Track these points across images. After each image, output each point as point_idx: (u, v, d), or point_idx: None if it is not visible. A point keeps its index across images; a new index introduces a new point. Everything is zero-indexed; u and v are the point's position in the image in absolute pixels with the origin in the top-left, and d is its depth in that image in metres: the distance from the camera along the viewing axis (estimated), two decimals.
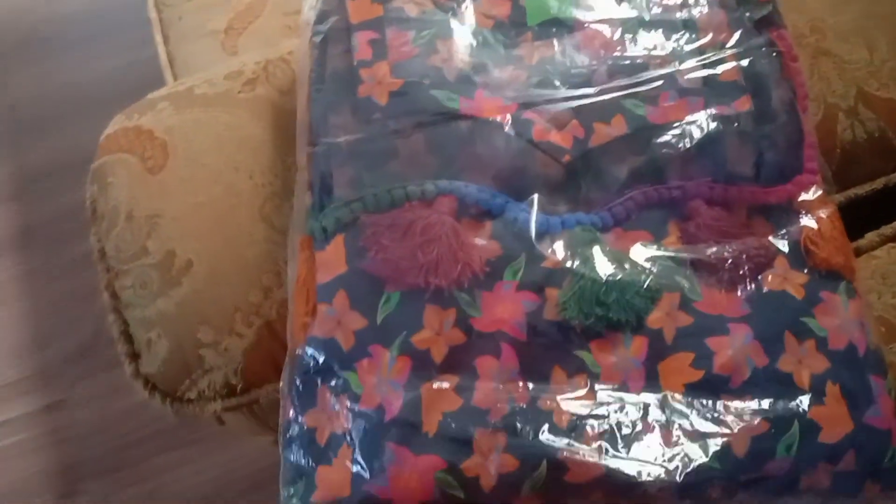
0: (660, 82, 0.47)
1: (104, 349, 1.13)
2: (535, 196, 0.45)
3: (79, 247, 1.21)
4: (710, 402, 0.41)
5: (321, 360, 0.42)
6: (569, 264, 0.43)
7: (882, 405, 0.42)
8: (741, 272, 0.44)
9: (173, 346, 0.50)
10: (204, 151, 0.53)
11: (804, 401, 0.42)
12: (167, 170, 0.53)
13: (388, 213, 0.44)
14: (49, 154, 1.31)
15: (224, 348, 0.50)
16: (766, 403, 0.41)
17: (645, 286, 0.43)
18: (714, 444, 0.41)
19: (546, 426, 0.41)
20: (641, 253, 0.44)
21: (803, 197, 0.46)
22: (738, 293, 0.44)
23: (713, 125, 0.46)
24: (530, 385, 0.42)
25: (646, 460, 0.41)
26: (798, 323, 0.43)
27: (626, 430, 0.41)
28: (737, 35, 0.49)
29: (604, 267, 0.43)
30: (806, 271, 0.45)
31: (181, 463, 1.05)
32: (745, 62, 0.48)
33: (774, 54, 0.48)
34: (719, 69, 0.48)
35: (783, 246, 0.45)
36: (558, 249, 0.44)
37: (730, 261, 0.44)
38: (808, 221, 0.46)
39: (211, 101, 0.56)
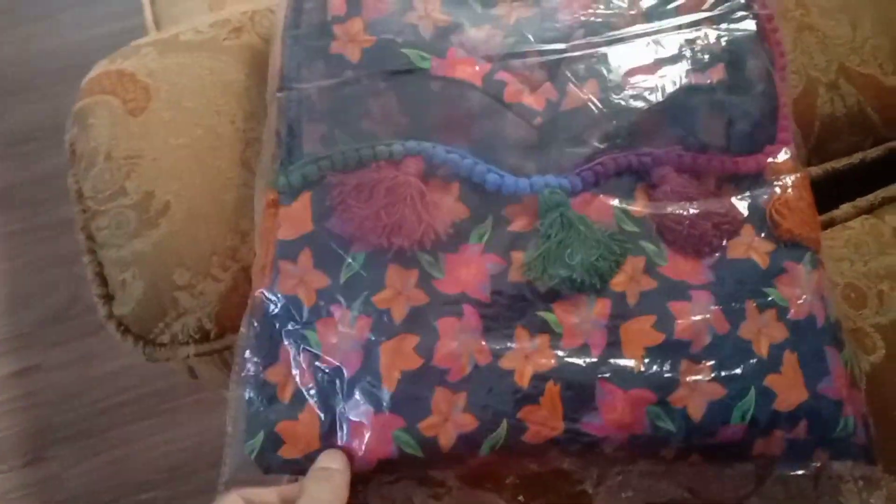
0: (634, 46, 0.47)
1: (80, 315, 1.12)
2: (504, 159, 0.45)
3: (58, 211, 1.20)
4: (667, 363, 0.42)
5: (283, 315, 0.42)
6: (535, 227, 0.43)
7: (836, 376, 0.43)
8: (707, 239, 0.45)
9: (148, 288, 0.50)
10: (186, 95, 0.53)
11: (761, 368, 0.42)
12: (149, 111, 0.53)
13: (354, 173, 0.43)
14: (32, 117, 1.30)
15: (199, 291, 0.50)
16: (724, 369, 0.42)
17: (610, 250, 0.43)
18: (668, 403, 0.41)
19: (506, 385, 0.41)
20: (608, 216, 0.44)
21: (773, 163, 0.46)
22: (703, 260, 0.44)
23: (686, 94, 0.46)
24: (492, 346, 0.42)
25: (602, 418, 0.41)
26: (760, 292, 0.44)
27: (584, 388, 0.41)
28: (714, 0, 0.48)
29: (570, 230, 0.43)
30: (772, 240, 0.45)
31: (152, 432, 1.04)
32: (721, 27, 0.48)
33: (752, 18, 0.48)
34: (694, 34, 0.48)
35: (750, 214, 0.45)
36: (525, 212, 0.44)
37: (689, 222, 0.44)
38: (776, 187, 0.46)
39: (195, 47, 0.55)
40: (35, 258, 1.18)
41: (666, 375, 0.41)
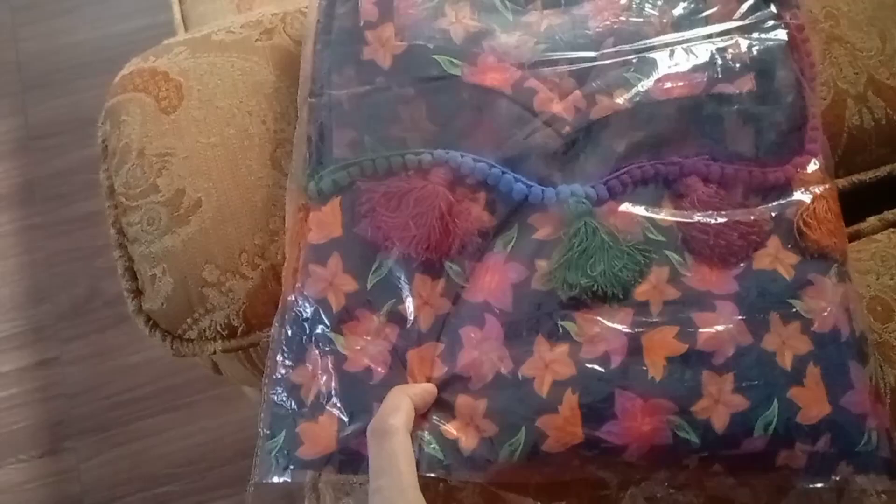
0: (664, 54, 0.47)
1: (99, 309, 1.13)
2: (532, 168, 0.45)
3: (79, 206, 1.21)
4: (689, 374, 0.42)
5: (311, 318, 0.43)
6: (560, 236, 0.44)
7: (859, 390, 0.43)
8: (733, 249, 0.44)
9: (177, 283, 0.50)
10: (219, 94, 0.54)
11: (785, 380, 0.42)
12: (181, 110, 0.53)
13: (384, 181, 0.44)
14: (55, 112, 1.31)
15: (228, 288, 0.50)
16: (747, 381, 0.42)
17: (634, 260, 0.43)
18: (691, 413, 0.41)
19: (526, 393, 0.41)
20: (633, 225, 0.44)
21: (801, 173, 0.46)
22: (729, 270, 0.44)
23: (715, 104, 0.46)
24: (513, 353, 0.42)
25: (621, 426, 0.41)
26: (785, 304, 0.44)
27: (603, 397, 0.41)
28: (744, 7, 0.48)
29: (594, 239, 0.43)
30: (798, 252, 0.45)
31: (169, 426, 1.05)
32: (751, 37, 0.48)
33: (782, 28, 0.48)
34: (724, 44, 0.47)
35: (777, 226, 0.45)
36: (551, 221, 0.44)
37: (716, 232, 0.44)
38: (804, 198, 0.46)
39: (228, 47, 0.56)
40: (55, 252, 1.19)
41: (687, 386, 0.41)
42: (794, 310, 0.44)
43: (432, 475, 0.42)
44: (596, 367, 0.42)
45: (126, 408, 1.06)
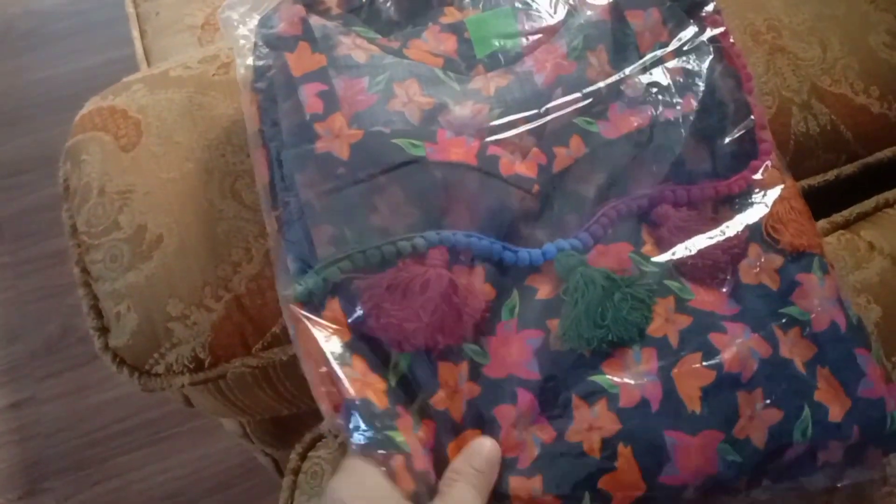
0: (608, 94, 0.47)
1: (72, 346, 1.13)
2: (514, 232, 0.45)
3: (48, 243, 1.21)
4: (725, 399, 0.42)
5: (363, 422, 0.40)
6: (560, 293, 0.43)
7: (871, 376, 0.43)
8: (720, 265, 0.45)
9: (142, 319, 0.50)
10: (177, 129, 0.54)
11: (807, 386, 0.43)
12: (140, 147, 0.54)
13: (383, 274, 0.42)
14: (21, 150, 1.31)
15: (192, 322, 0.50)
16: (775, 393, 0.42)
17: (638, 299, 0.43)
18: (733, 435, 0.41)
19: (579, 459, 0.41)
20: (626, 262, 0.44)
21: (759, 176, 0.47)
22: (722, 289, 0.45)
23: (665, 130, 0.47)
24: (553, 422, 0.41)
25: (678, 468, 0.41)
26: (779, 315, 0.44)
27: (655, 443, 0.41)
28: (670, 28, 0.49)
29: (594, 288, 0.43)
30: (779, 253, 0.46)
31: (147, 461, 1.04)
32: (684, 58, 0.48)
33: (708, 42, 0.49)
34: (660, 71, 0.48)
35: (753, 232, 0.46)
36: (548, 280, 0.44)
37: (699, 253, 0.45)
38: (768, 201, 0.46)
39: (185, 83, 0.57)
40: (26, 290, 1.18)
41: (727, 411, 0.41)
42: (792, 317, 0.44)
43: None
44: (639, 414, 0.41)
45: (103, 445, 1.06)
